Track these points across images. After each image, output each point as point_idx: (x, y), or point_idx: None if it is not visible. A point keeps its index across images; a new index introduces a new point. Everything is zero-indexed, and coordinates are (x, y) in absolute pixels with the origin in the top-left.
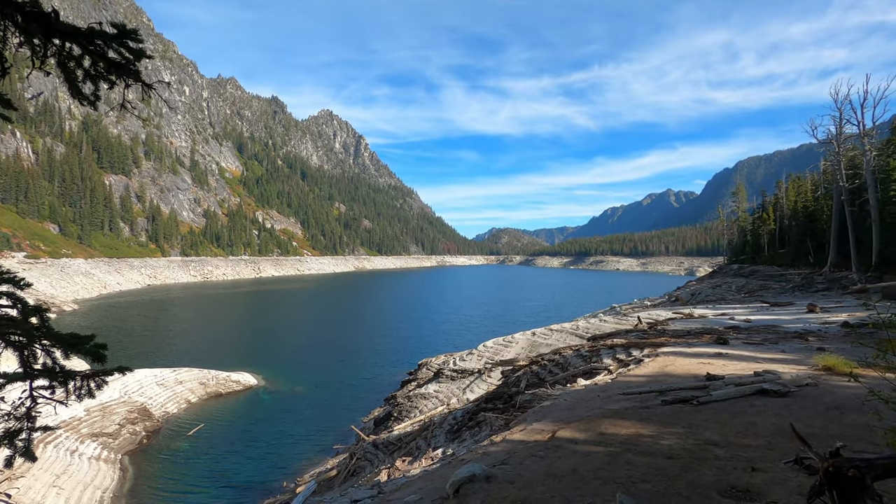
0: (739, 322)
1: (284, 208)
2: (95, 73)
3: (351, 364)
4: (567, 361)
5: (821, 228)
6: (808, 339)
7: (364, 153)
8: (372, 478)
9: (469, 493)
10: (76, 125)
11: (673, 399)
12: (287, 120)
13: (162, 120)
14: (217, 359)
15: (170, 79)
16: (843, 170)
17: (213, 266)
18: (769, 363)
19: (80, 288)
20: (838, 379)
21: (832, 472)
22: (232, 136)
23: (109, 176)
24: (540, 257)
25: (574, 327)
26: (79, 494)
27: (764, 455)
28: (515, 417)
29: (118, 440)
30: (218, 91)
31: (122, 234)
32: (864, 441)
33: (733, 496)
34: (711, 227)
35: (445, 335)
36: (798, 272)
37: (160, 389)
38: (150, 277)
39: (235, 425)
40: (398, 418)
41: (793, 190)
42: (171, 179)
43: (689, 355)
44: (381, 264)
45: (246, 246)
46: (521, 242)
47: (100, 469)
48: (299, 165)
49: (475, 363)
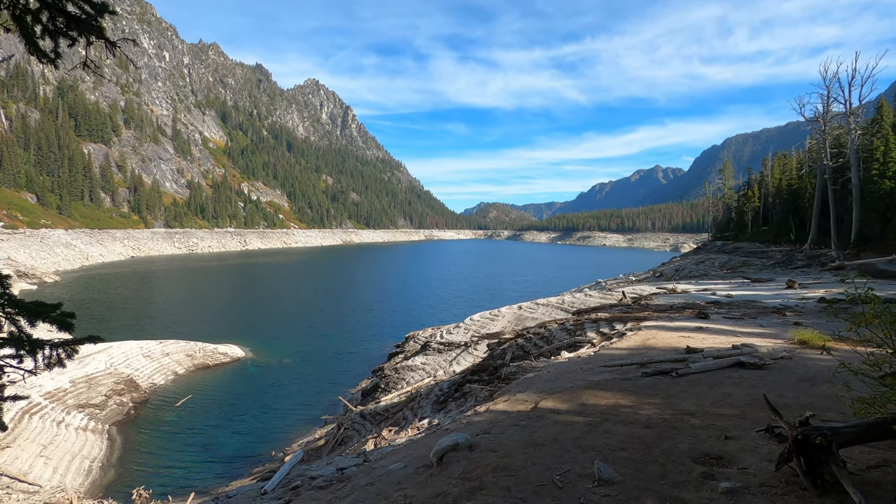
0: (721, 297)
1: (270, 180)
2: (54, 28)
3: (339, 336)
4: (552, 335)
5: (803, 206)
6: (785, 314)
7: (351, 124)
8: (359, 447)
9: (452, 461)
10: (51, 90)
11: (653, 371)
12: (272, 89)
13: (141, 86)
14: (204, 331)
15: (148, 43)
16: (829, 148)
17: (198, 238)
18: (747, 337)
19: (62, 259)
20: (812, 352)
21: (800, 440)
22: (215, 104)
23: (88, 144)
24: (528, 232)
25: (560, 301)
26: (67, 463)
27: (737, 424)
28: (500, 389)
29: (105, 411)
30: (199, 57)
31: (103, 205)
32: (833, 411)
33: (706, 463)
34: (698, 204)
35: (433, 308)
36: (779, 249)
37: (147, 361)
38: (134, 249)
39: (223, 397)
40: (385, 390)
41: (778, 168)
42: (152, 149)
43: (671, 329)
44: (369, 238)
45: (231, 218)
46: (509, 217)
47: (87, 439)
48: (285, 136)
49: (462, 336)
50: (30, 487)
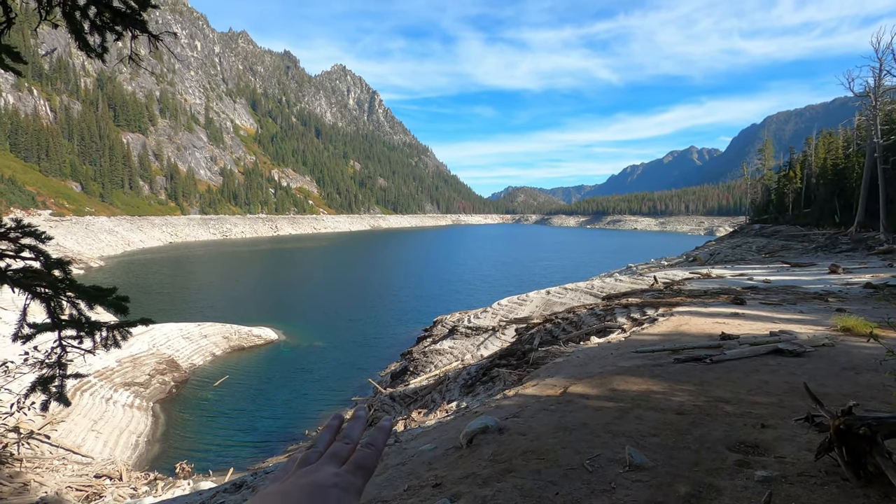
0: (758, 283)
1: (300, 166)
2: (101, 23)
3: (368, 320)
4: (581, 320)
5: (849, 187)
6: (827, 300)
7: (378, 109)
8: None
9: (482, 444)
10: (91, 82)
11: (686, 357)
12: (300, 75)
13: (175, 76)
14: (239, 314)
15: (180, 33)
16: (879, 125)
17: (231, 224)
18: (786, 323)
19: (105, 245)
20: (856, 340)
21: (843, 430)
22: (245, 92)
23: (126, 134)
24: (556, 216)
25: (589, 286)
26: (115, 438)
27: (775, 412)
28: (528, 373)
29: (149, 389)
30: (230, 46)
31: (142, 193)
32: (878, 401)
33: (741, 451)
34: (734, 186)
35: (460, 293)
36: (822, 232)
37: (186, 342)
38: (172, 235)
39: (258, 377)
40: (414, 373)
41: (823, 147)
42: (186, 137)
43: (705, 315)
44: (397, 223)
45: (263, 204)
46: (537, 201)
47: (133, 415)
48: (313, 123)
49: (489, 321)
50: (83, 459)
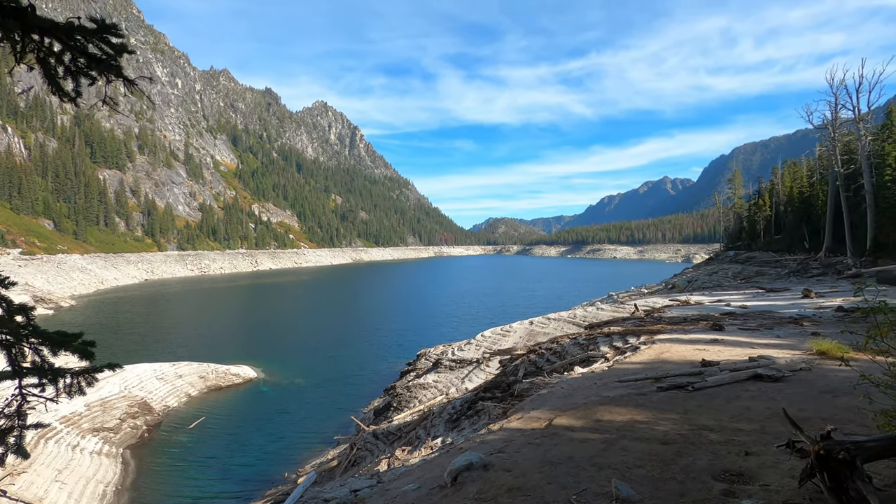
0: (735, 308)
1: (280, 201)
2: (76, 68)
3: (350, 355)
4: (564, 350)
5: (816, 214)
6: (802, 324)
7: (359, 144)
8: (372, 467)
9: (467, 482)
10: (68, 119)
11: (668, 385)
12: (281, 112)
13: (155, 113)
14: (216, 352)
15: (161, 72)
16: (839, 155)
17: (210, 260)
18: (764, 348)
19: (77, 284)
20: (831, 363)
21: (823, 455)
22: (226, 128)
23: (103, 170)
24: (537, 246)
25: (571, 316)
26: (81, 489)
27: (757, 439)
28: (513, 406)
29: (119, 434)
30: (211, 83)
31: (117, 229)
32: (855, 424)
33: (727, 480)
34: (708, 214)
35: (444, 325)
36: (793, 258)
37: (160, 383)
38: (147, 272)
39: (236, 418)
40: (398, 408)
41: (788, 176)
42: (165, 173)
43: (685, 342)
44: (379, 256)
45: (242, 239)
46: (518, 232)
47: (102, 463)
48: (294, 157)
49: (473, 353)
50: None
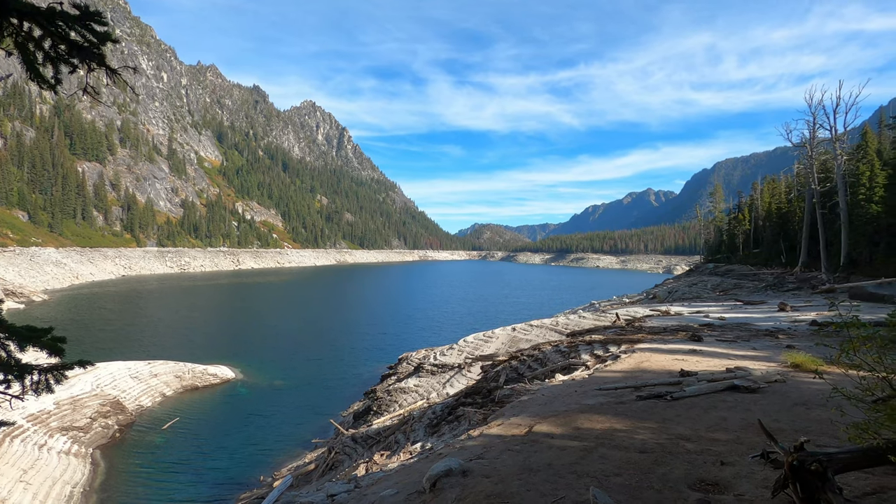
0: (714, 320)
1: (265, 200)
2: (56, 55)
3: (331, 358)
4: (546, 357)
5: (793, 230)
6: (778, 337)
7: (347, 145)
8: (350, 472)
9: (445, 488)
10: (47, 109)
11: (647, 395)
12: (269, 110)
13: (138, 106)
14: (194, 352)
15: (147, 65)
16: (816, 173)
17: (190, 257)
18: (741, 360)
19: (51, 278)
20: (805, 376)
21: (796, 466)
22: (211, 125)
23: (82, 163)
24: (522, 253)
25: (554, 323)
26: (47, 489)
27: (733, 449)
28: (494, 412)
29: (89, 434)
30: (197, 78)
31: (95, 223)
32: (828, 436)
33: (702, 489)
34: (689, 227)
35: (426, 330)
36: (771, 272)
37: (134, 382)
38: (125, 268)
39: (212, 419)
40: (377, 412)
41: (767, 192)
42: (147, 168)
43: (665, 352)
44: (363, 258)
45: (225, 237)
46: (503, 238)
47: (70, 463)
48: (281, 156)
49: (455, 358)
50: None
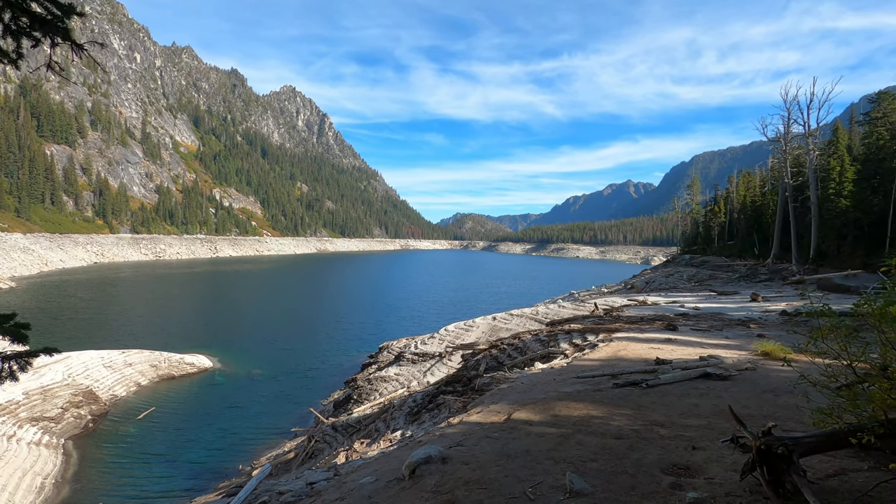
0: (689, 309)
1: (244, 186)
2: (17, 28)
3: (311, 347)
4: (526, 346)
5: (766, 222)
6: (749, 326)
7: (328, 132)
8: (329, 460)
9: (424, 475)
10: (12, 89)
11: (624, 382)
12: (247, 94)
13: (110, 88)
14: (170, 341)
15: (119, 44)
16: (789, 167)
17: (166, 244)
18: (714, 349)
19: (18, 265)
20: (774, 364)
21: (763, 450)
22: (187, 108)
23: (51, 145)
24: (503, 243)
25: (534, 312)
26: (17, 481)
27: (704, 435)
28: (473, 400)
29: (61, 424)
30: (172, 60)
31: (65, 209)
32: (794, 421)
33: (674, 473)
34: (667, 219)
35: (407, 319)
36: (744, 263)
37: (108, 372)
38: (97, 255)
39: (189, 408)
40: (358, 401)
41: (742, 185)
42: (120, 152)
43: (641, 340)
44: (344, 247)
45: (202, 224)
46: (484, 228)
47: (40, 454)
48: (260, 142)
49: (436, 347)
50: None
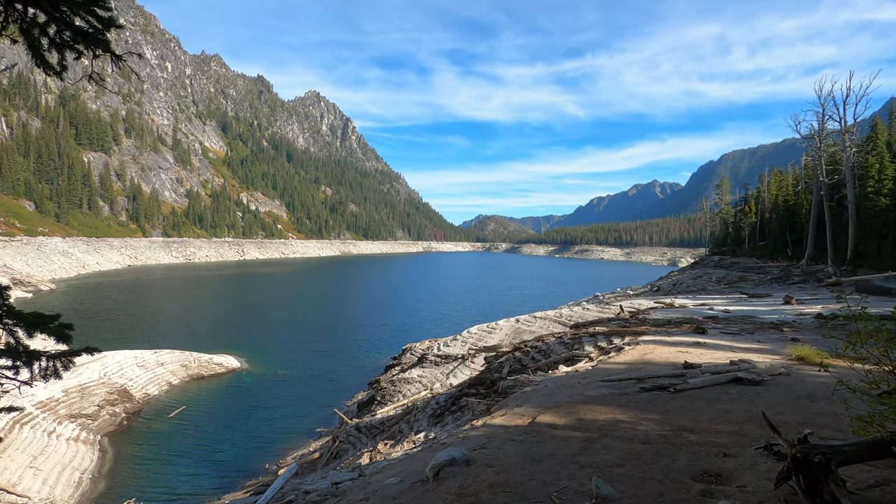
0: (718, 312)
1: (269, 190)
2: (61, 41)
3: (335, 348)
4: (549, 348)
5: (800, 222)
6: (783, 330)
7: (351, 136)
8: (354, 460)
9: (449, 477)
10: (52, 99)
11: (651, 386)
12: (273, 100)
13: (143, 96)
14: (199, 341)
15: (151, 54)
16: (824, 165)
17: (195, 247)
18: (745, 352)
19: (58, 267)
20: (810, 368)
21: (799, 458)
22: (216, 115)
23: (88, 153)
24: (526, 245)
25: (557, 315)
26: (57, 475)
27: (736, 441)
28: (497, 402)
29: (97, 421)
30: (201, 68)
31: (101, 213)
32: (832, 428)
33: (704, 480)
34: (695, 219)
35: (430, 321)
36: (776, 264)
37: (141, 371)
38: (131, 258)
39: (217, 408)
40: (381, 402)
41: (774, 184)
42: (152, 158)
43: (669, 344)
44: (367, 249)
45: (229, 228)
46: (507, 230)
47: (78, 450)
48: (285, 147)
49: (459, 349)
50: (18, 500)
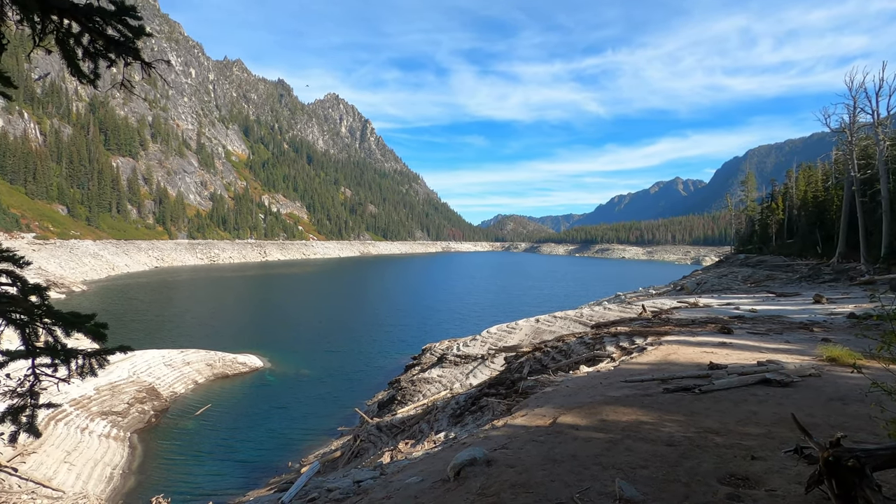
0: (744, 312)
1: (290, 192)
2: (94, 50)
3: (355, 348)
4: (570, 348)
5: (830, 219)
6: (812, 330)
7: (370, 138)
8: (375, 459)
9: (469, 476)
10: (83, 106)
11: (675, 387)
12: (293, 103)
13: (168, 102)
14: (224, 341)
15: (176, 60)
16: (856, 159)
17: (219, 249)
18: (773, 353)
19: (89, 269)
20: (842, 370)
21: (832, 462)
22: (238, 119)
23: (117, 158)
24: (545, 244)
25: (578, 315)
26: (89, 470)
27: (764, 444)
28: (517, 403)
29: (127, 419)
30: (224, 73)
31: (129, 217)
32: (866, 432)
33: (731, 483)
34: (719, 217)
35: (449, 321)
36: (805, 263)
37: (168, 370)
38: (158, 260)
39: (242, 406)
40: (402, 402)
41: (803, 179)
42: (177, 162)
43: (693, 344)
44: (387, 249)
45: (252, 230)
46: (526, 229)
47: (109, 446)
48: (305, 149)
49: (479, 349)
50: (53, 493)
